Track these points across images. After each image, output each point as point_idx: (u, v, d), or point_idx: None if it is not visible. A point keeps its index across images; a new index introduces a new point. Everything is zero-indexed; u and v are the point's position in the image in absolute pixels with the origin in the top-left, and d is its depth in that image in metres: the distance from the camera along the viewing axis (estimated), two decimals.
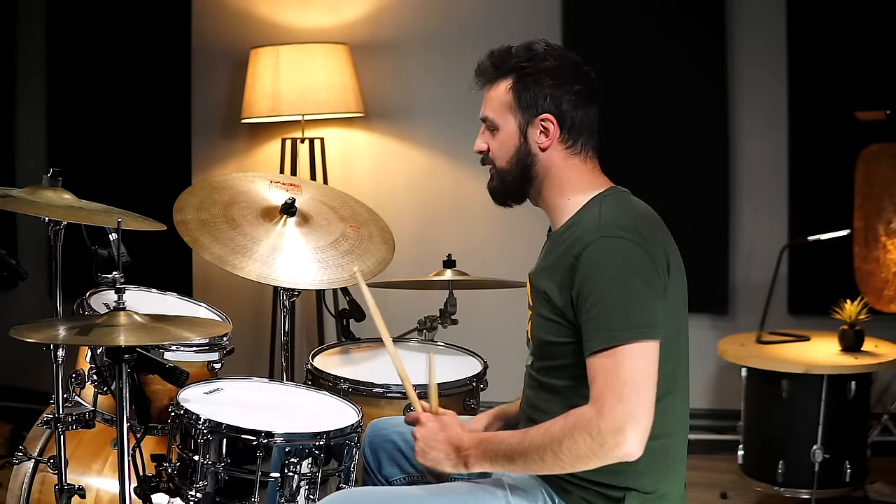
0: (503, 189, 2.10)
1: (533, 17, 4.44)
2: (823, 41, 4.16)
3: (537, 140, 2.02)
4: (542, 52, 2.02)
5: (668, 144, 4.32)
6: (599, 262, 1.86)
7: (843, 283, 3.85)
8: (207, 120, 4.77)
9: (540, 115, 2.01)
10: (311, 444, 2.15)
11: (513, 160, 2.05)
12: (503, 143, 2.06)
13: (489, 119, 2.07)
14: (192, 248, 2.57)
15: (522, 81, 2.01)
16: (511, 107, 2.03)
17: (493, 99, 2.06)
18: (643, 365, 1.80)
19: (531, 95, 2.01)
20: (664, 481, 1.96)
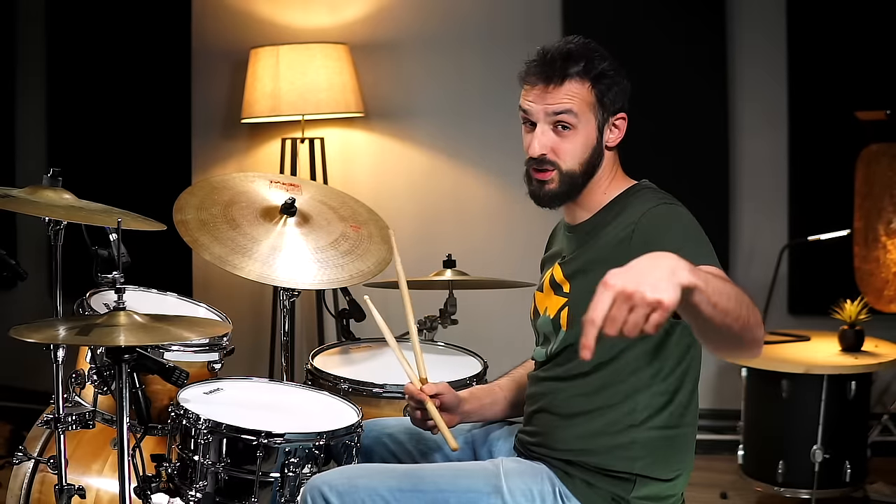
0: (565, 192, 2.02)
1: (533, 17, 4.44)
2: (823, 41, 4.16)
3: (609, 138, 2.03)
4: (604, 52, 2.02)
5: (667, 144, 4.31)
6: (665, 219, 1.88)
7: (843, 283, 3.85)
8: (207, 120, 4.77)
9: (619, 114, 2.02)
10: (311, 445, 2.15)
11: (586, 161, 2.01)
12: (578, 144, 2.00)
13: (571, 114, 1.98)
14: (192, 248, 2.57)
15: (603, 80, 1.99)
16: (593, 105, 1.99)
17: (571, 97, 1.97)
18: None
19: (613, 94, 2.00)
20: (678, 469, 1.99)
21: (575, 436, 1.98)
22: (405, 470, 2.05)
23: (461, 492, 1.95)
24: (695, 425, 2.03)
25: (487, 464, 2.07)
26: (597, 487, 1.95)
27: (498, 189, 4.44)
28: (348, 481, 1.96)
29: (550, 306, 2.07)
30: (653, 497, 1.97)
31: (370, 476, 1.99)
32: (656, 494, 1.97)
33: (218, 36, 4.72)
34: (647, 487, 1.95)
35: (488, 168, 4.46)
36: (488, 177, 4.48)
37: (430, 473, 2.02)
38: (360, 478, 1.97)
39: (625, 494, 1.95)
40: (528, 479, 1.98)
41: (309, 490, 1.96)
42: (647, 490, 1.95)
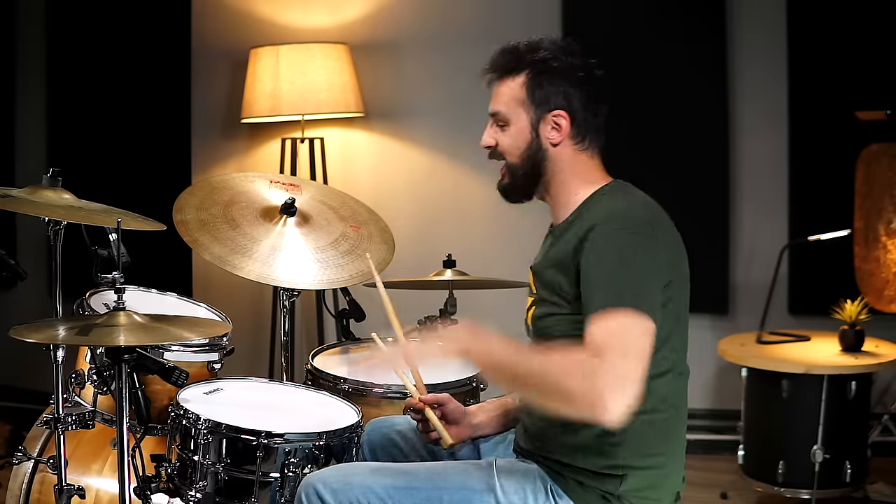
0: (514, 186, 2.11)
1: (533, 17, 4.44)
2: (823, 41, 4.16)
3: (548, 136, 2.05)
4: (555, 50, 2.04)
5: (668, 144, 4.31)
6: (605, 240, 1.89)
7: (843, 283, 3.85)
8: (207, 120, 4.77)
9: (552, 111, 2.03)
10: (310, 445, 2.15)
11: (524, 155, 2.07)
12: (514, 138, 2.07)
13: (500, 114, 2.08)
14: (192, 248, 2.57)
15: (537, 77, 2.03)
16: (524, 102, 2.04)
17: (505, 94, 2.06)
18: (640, 336, 1.79)
19: (545, 92, 2.03)
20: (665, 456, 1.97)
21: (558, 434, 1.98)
22: (399, 468, 2.05)
23: (455, 489, 1.96)
24: (678, 409, 1.99)
25: (481, 462, 2.09)
26: (588, 486, 1.95)
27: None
28: (343, 479, 1.96)
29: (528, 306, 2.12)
30: (643, 488, 1.95)
31: (364, 474, 1.99)
32: (646, 485, 1.95)
33: (218, 36, 4.72)
34: (635, 479, 1.94)
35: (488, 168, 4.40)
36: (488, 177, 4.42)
37: (424, 471, 2.02)
38: (355, 475, 1.98)
39: (614, 490, 1.94)
40: (521, 477, 1.99)
41: (304, 488, 1.96)
42: (636, 482, 1.94)
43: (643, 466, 1.94)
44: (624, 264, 1.86)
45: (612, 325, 1.78)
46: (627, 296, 1.81)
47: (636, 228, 1.91)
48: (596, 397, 1.69)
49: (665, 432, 1.97)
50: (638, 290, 1.83)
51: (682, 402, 2.02)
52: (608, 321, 1.79)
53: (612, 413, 1.70)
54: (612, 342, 1.75)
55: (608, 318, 1.79)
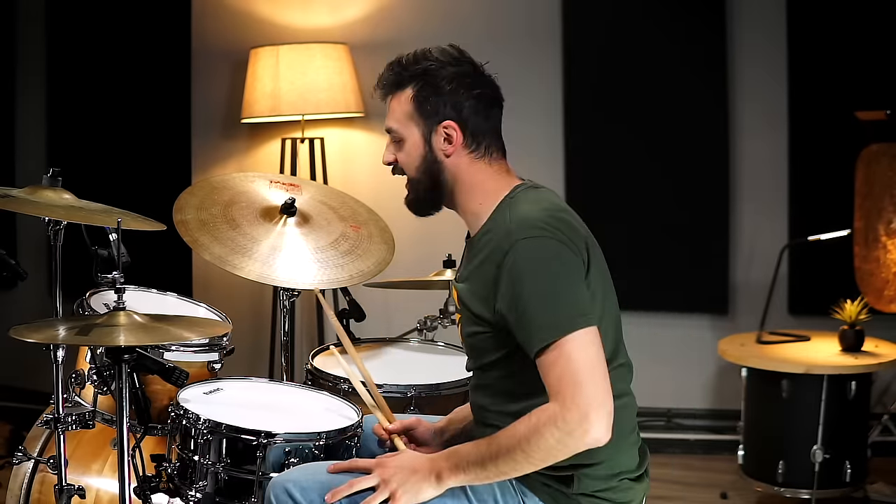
0: (417, 199, 2.12)
1: (533, 17, 4.44)
2: (823, 41, 4.16)
3: (441, 147, 2.03)
4: (440, 59, 2.02)
5: (667, 144, 4.31)
6: (521, 265, 1.87)
7: (843, 283, 3.85)
8: (207, 120, 4.77)
9: (442, 122, 2.02)
10: (310, 445, 2.15)
11: (420, 169, 2.07)
12: (409, 153, 2.07)
13: (393, 130, 2.08)
14: (192, 248, 2.57)
15: (423, 90, 2.02)
16: (413, 116, 2.04)
17: (396, 110, 2.07)
18: (591, 351, 1.81)
19: (432, 103, 2.02)
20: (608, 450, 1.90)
21: None
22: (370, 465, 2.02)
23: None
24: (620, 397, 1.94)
25: None
26: (551, 487, 1.95)
27: None
28: (312, 477, 1.96)
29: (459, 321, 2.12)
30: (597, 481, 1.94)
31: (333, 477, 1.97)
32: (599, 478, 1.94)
33: (218, 36, 4.72)
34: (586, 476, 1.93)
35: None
36: None
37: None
38: (323, 473, 1.97)
39: (568, 491, 1.94)
40: None
41: (272, 488, 1.96)
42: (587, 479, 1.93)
43: (589, 463, 1.92)
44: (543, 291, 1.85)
45: (559, 359, 1.80)
46: (562, 322, 1.82)
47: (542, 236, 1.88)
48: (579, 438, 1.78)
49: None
50: (569, 309, 1.83)
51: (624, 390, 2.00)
52: (555, 357, 1.81)
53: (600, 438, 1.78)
54: (566, 377, 1.79)
55: (553, 353, 1.81)
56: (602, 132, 4.36)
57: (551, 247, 1.88)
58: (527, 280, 1.86)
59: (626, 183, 4.31)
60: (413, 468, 1.92)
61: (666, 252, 4.25)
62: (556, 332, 1.81)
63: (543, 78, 4.38)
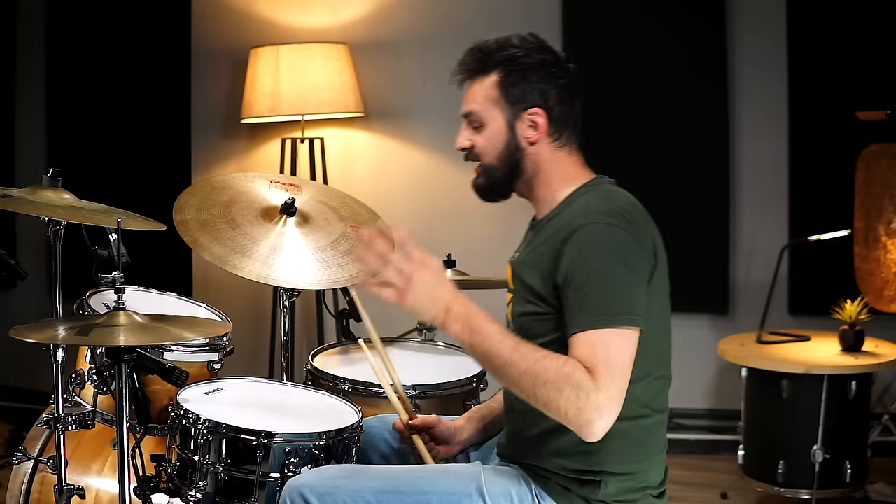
0: (490, 185, 2.08)
1: (533, 17, 4.44)
2: (823, 41, 4.16)
3: (525, 134, 2.02)
4: (526, 47, 2.02)
5: (668, 144, 4.31)
6: (587, 246, 1.87)
7: (843, 283, 3.85)
8: (207, 120, 4.77)
9: (528, 109, 2.00)
10: (310, 445, 2.15)
11: (501, 155, 2.04)
12: (490, 139, 2.04)
13: (475, 113, 2.05)
14: (192, 248, 2.57)
15: (510, 76, 2.00)
16: (498, 101, 2.02)
17: (478, 94, 2.04)
18: (628, 352, 1.81)
19: (519, 89, 2.00)
20: (643, 462, 1.95)
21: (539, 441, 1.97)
22: (386, 471, 2.05)
23: (442, 493, 1.95)
24: (660, 413, 1.97)
25: (469, 466, 2.08)
26: (570, 491, 1.94)
27: None
28: (329, 482, 1.95)
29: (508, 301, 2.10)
30: (622, 492, 1.94)
31: (350, 477, 1.98)
32: (626, 489, 1.94)
33: (218, 36, 4.72)
34: (614, 485, 1.93)
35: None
36: None
37: (411, 475, 2.02)
38: (341, 479, 1.97)
39: (593, 496, 1.93)
40: (507, 480, 1.98)
41: (288, 493, 1.95)
42: (614, 487, 1.93)
43: (622, 472, 1.93)
44: (605, 275, 1.85)
45: (597, 346, 1.79)
46: (613, 313, 1.81)
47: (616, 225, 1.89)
48: (583, 420, 1.76)
49: (644, 438, 1.96)
50: (620, 303, 1.83)
51: (663, 405, 2.00)
52: (593, 342, 1.80)
53: (595, 434, 1.77)
54: (599, 365, 1.77)
55: (592, 338, 1.80)
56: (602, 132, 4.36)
57: (622, 238, 1.88)
58: (592, 261, 1.86)
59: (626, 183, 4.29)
60: (436, 286, 1.88)
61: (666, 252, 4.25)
62: (604, 321, 1.81)
63: None
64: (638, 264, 1.89)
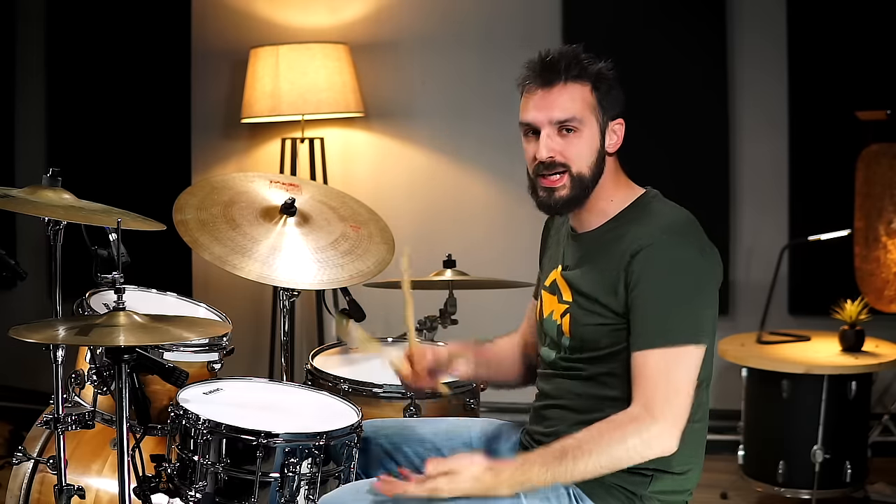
0: (578, 196, 2.01)
1: (533, 17, 4.44)
2: (823, 41, 4.16)
3: (610, 143, 2.03)
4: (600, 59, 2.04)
5: (668, 145, 4.31)
6: (656, 261, 1.90)
7: (843, 283, 3.85)
8: (207, 120, 4.77)
9: (617, 119, 2.03)
10: (310, 445, 2.14)
11: (593, 164, 2.01)
12: (585, 146, 1.99)
13: (574, 119, 1.98)
14: (192, 248, 2.56)
15: (604, 84, 2.02)
16: (595, 108, 2.00)
17: (573, 99, 1.98)
18: (691, 369, 1.86)
19: (612, 98, 2.02)
20: (692, 463, 2.01)
21: None
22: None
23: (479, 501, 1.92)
24: (705, 421, 2.03)
25: None
26: (610, 485, 1.95)
27: (498, 189, 4.44)
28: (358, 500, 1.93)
29: (556, 310, 2.08)
30: (667, 491, 1.97)
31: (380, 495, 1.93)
32: (671, 489, 1.98)
33: (218, 36, 4.72)
34: (662, 482, 1.96)
35: (488, 168, 4.46)
36: (488, 177, 4.47)
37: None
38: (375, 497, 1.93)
39: (641, 490, 1.95)
40: None
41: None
42: (662, 485, 1.96)
43: (672, 472, 1.97)
44: (671, 293, 1.88)
45: (661, 366, 1.85)
46: (680, 332, 1.85)
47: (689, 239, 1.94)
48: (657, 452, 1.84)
49: (696, 440, 2.00)
50: (692, 322, 1.87)
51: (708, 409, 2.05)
52: (657, 362, 1.85)
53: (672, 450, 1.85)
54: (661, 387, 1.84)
55: (657, 357, 1.85)
56: None
57: (690, 255, 1.92)
58: (660, 277, 1.89)
59: None
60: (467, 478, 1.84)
61: None
62: (669, 339, 1.85)
63: None
64: (705, 281, 1.92)
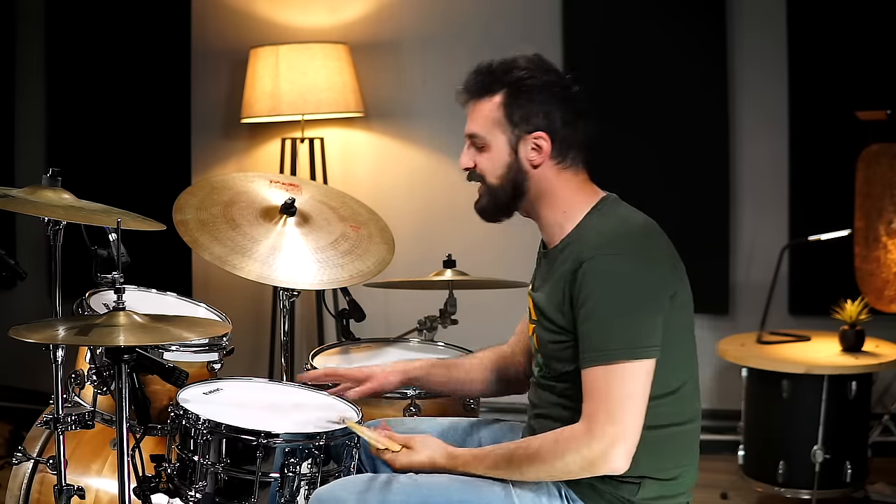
0: (493, 206, 2.08)
1: (533, 17, 4.44)
2: (823, 41, 4.16)
3: (529, 157, 2.01)
4: (531, 68, 2.00)
5: (668, 145, 4.31)
6: (593, 278, 1.88)
7: (843, 283, 3.85)
8: (207, 120, 4.77)
9: (532, 133, 1.99)
10: (310, 445, 2.14)
11: (504, 177, 2.03)
12: (492, 160, 2.03)
13: (477, 136, 2.04)
14: (192, 248, 2.56)
15: (514, 97, 1.99)
16: (500, 123, 2.00)
17: (481, 115, 2.02)
18: (635, 384, 1.84)
19: (523, 111, 1.98)
20: (682, 467, 2.00)
21: None
22: (412, 482, 2.02)
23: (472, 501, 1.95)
24: (695, 422, 2.03)
25: None
26: (602, 491, 1.95)
27: None
28: (357, 497, 1.95)
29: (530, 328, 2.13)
30: (658, 497, 1.97)
31: (378, 489, 1.97)
32: (662, 494, 1.97)
33: (218, 36, 4.72)
34: (652, 488, 1.95)
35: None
36: None
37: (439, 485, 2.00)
38: (369, 491, 1.96)
39: (631, 497, 1.95)
40: (535, 484, 1.98)
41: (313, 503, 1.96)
42: (652, 491, 1.95)
43: (661, 477, 1.96)
44: (609, 310, 1.86)
45: (601, 383, 1.84)
46: (618, 348, 1.84)
47: (631, 252, 1.90)
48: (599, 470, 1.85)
49: (683, 444, 2.00)
50: (632, 337, 1.85)
51: (698, 411, 2.05)
52: (598, 380, 1.85)
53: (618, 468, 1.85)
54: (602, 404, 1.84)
55: (597, 374, 1.85)
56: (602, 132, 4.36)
57: (629, 267, 1.89)
58: (598, 294, 1.87)
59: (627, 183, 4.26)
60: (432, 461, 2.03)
61: None
62: (606, 357, 1.84)
63: None
64: (647, 292, 1.89)
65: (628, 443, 1.83)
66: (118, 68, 4.75)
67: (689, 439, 2.02)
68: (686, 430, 2.00)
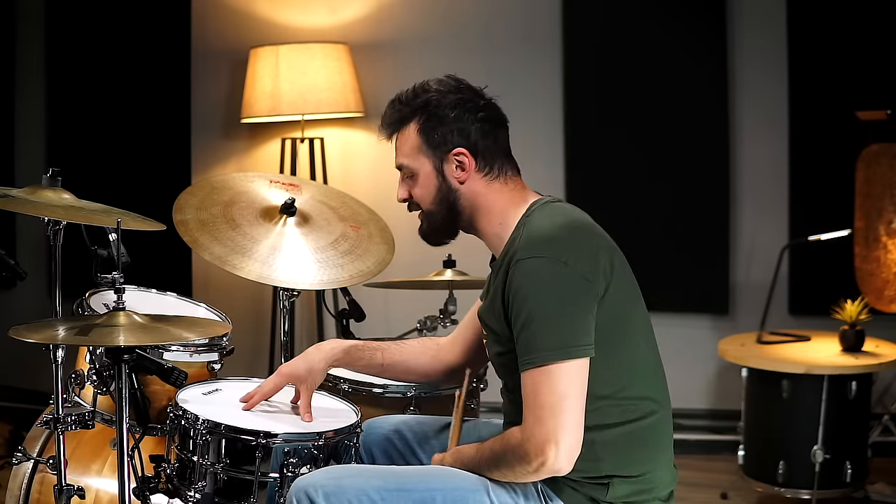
0: (433, 230, 2.11)
1: (533, 17, 4.44)
2: (823, 41, 4.16)
3: (455, 175, 2.04)
4: (439, 89, 2.04)
5: (668, 145, 4.31)
6: (515, 285, 1.90)
7: (843, 283, 3.85)
8: (207, 120, 4.77)
9: (452, 151, 2.02)
10: (310, 445, 2.14)
11: (436, 200, 2.07)
12: (423, 186, 2.07)
13: (404, 166, 2.09)
14: (192, 248, 2.57)
15: (428, 121, 2.03)
16: (421, 149, 2.05)
17: (404, 146, 2.08)
18: (568, 385, 1.84)
19: (439, 133, 2.02)
20: (649, 463, 1.98)
21: None
22: (391, 469, 2.07)
23: (448, 489, 1.96)
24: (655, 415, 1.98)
25: None
26: (578, 491, 1.95)
27: None
28: (335, 482, 1.96)
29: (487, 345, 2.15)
30: (631, 494, 1.95)
31: (355, 476, 2.00)
32: (633, 492, 1.96)
33: (218, 36, 4.72)
34: (623, 487, 1.94)
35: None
36: None
37: (416, 472, 2.04)
38: (346, 478, 1.98)
39: (601, 497, 1.94)
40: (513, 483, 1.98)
41: (294, 493, 1.96)
42: (624, 490, 1.94)
43: (628, 475, 1.95)
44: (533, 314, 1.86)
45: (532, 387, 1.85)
46: (542, 350, 1.84)
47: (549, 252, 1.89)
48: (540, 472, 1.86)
49: (646, 439, 1.97)
50: (560, 336, 1.85)
51: (663, 400, 2.01)
52: (530, 383, 1.86)
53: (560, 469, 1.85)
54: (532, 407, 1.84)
55: (529, 379, 1.86)
56: (602, 133, 4.36)
57: (548, 269, 1.88)
58: (521, 300, 1.89)
59: (627, 183, 4.31)
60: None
61: (666, 252, 4.25)
62: (532, 361, 1.85)
63: (543, 79, 4.38)
64: (570, 291, 1.88)
65: (564, 444, 1.82)
66: (118, 68, 4.75)
67: (651, 434, 1.98)
68: (645, 426, 1.96)
